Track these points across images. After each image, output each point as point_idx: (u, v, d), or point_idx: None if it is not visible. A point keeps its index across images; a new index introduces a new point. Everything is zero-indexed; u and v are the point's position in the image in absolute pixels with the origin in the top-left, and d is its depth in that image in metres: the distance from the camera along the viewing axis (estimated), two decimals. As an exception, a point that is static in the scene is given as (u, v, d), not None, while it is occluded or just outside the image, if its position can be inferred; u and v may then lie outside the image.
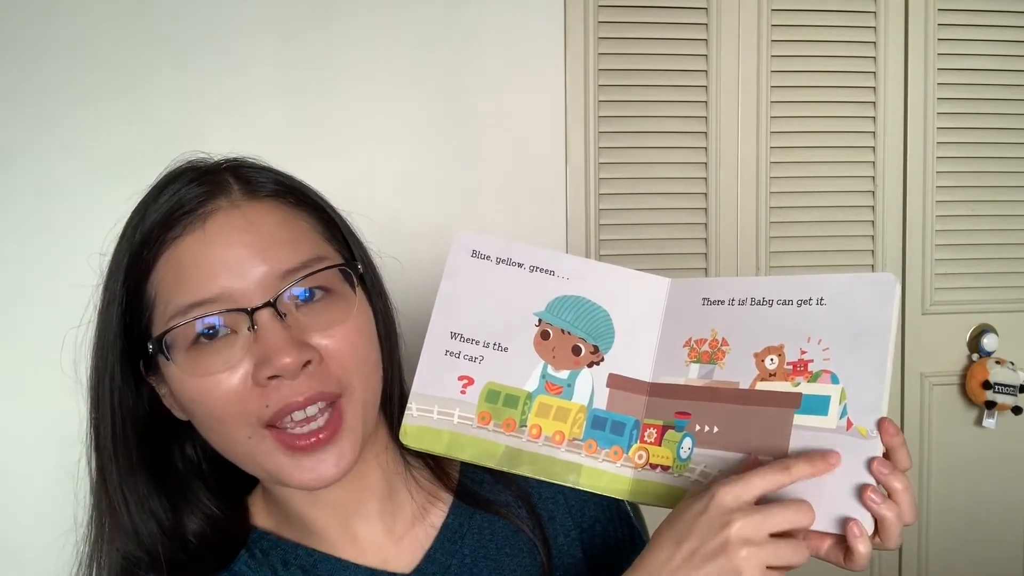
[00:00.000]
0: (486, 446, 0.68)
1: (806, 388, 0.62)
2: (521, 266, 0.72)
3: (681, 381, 0.67)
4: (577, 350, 0.70)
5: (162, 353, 0.60)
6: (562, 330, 0.70)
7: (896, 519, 0.56)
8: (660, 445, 0.66)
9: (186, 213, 0.62)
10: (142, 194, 0.65)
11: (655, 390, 0.68)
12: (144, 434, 0.66)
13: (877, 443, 0.58)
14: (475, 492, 0.75)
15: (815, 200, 1.66)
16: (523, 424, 0.69)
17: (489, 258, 0.72)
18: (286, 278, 0.61)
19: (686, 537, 0.55)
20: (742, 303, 0.67)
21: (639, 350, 0.70)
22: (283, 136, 1.41)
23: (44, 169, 1.34)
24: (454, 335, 0.71)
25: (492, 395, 0.69)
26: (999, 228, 1.70)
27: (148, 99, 1.37)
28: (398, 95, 1.46)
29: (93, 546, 0.66)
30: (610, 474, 0.67)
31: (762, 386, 0.64)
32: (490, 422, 0.69)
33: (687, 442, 0.65)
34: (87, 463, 0.66)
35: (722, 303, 0.68)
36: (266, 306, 0.60)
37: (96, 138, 1.36)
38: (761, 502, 0.56)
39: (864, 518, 0.56)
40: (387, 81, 1.46)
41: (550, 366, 0.70)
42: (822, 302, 0.63)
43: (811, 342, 0.63)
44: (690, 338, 0.68)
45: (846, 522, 0.56)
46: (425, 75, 1.47)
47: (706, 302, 0.68)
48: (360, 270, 0.67)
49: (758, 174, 1.63)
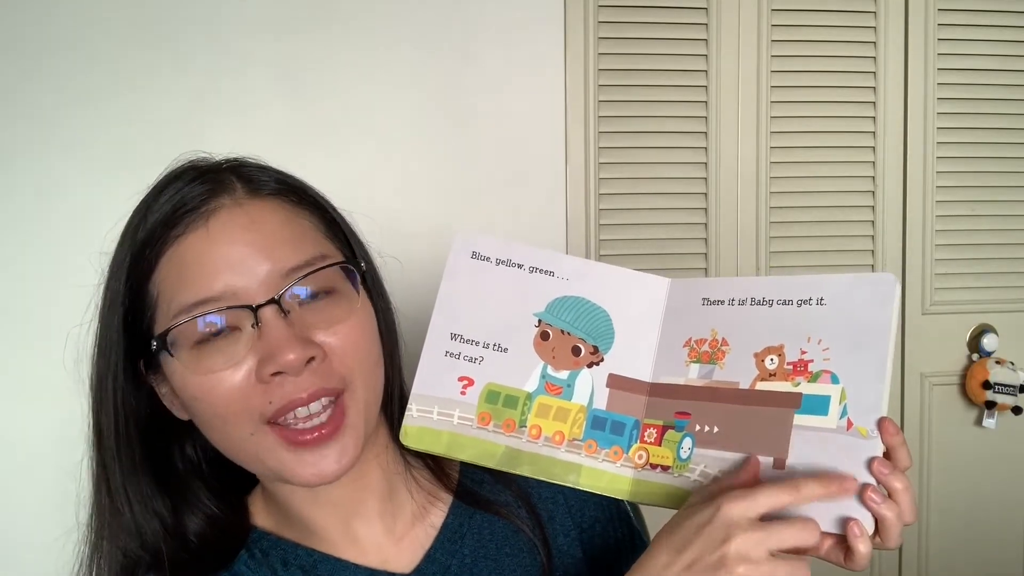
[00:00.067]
0: (486, 446, 0.68)
1: (806, 388, 0.62)
2: (521, 267, 0.72)
3: (681, 381, 0.67)
4: (577, 350, 0.70)
5: (166, 350, 0.60)
6: (562, 330, 0.70)
7: (896, 519, 0.56)
8: (660, 445, 0.66)
9: (189, 211, 0.61)
10: (143, 193, 0.65)
11: (655, 390, 0.68)
12: (146, 434, 0.66)
13: (877, 443, 0.58)
14: (475, 492, 0.75)
15: (815, 200, 1.66)
16: (523, 424, 0.69)
17: (489, 259, 0.72)
18: (289, 276, 0.61)
19: (687, 546, 0.55)
20: (742, 303, 0.67)
21: (639, 350, 0.70)
22: (283, 136, 1.41)
23: (44, 169, 1.34)
24: (454, 336, 0.71)
25: (492, 396, 0.69)
26: (999, 228, 1.71)
27: (148, 99, 1.37)
28: (398, 95, 1.46)
29: (94, 546, 0.66)
30: (610, 474, 0.67)
31: (762, 386, 0.64)
32: (490, 423, 0.69)
33: (687, 442, 0.65)
34: (89, 463, 0.66)
35: (722, 303, 0.68)
36: (270, 303, 0.60)
37: (96, 138, 1.36)
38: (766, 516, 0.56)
39: (864, 518, 0.56)
40: (387, 81, 1.46)
41: (550, 366, 0.70)
42: (822, 302, 0.63)
43: (811, 342, 0.63)
44: (690, 338, 0.68)
45: (846, 522, 0.56)
46: (425, 75, 1.47)
47: (706, 302, 0.68)
48: (363, 268, 0.67)
49: (758, 174, 1.63)
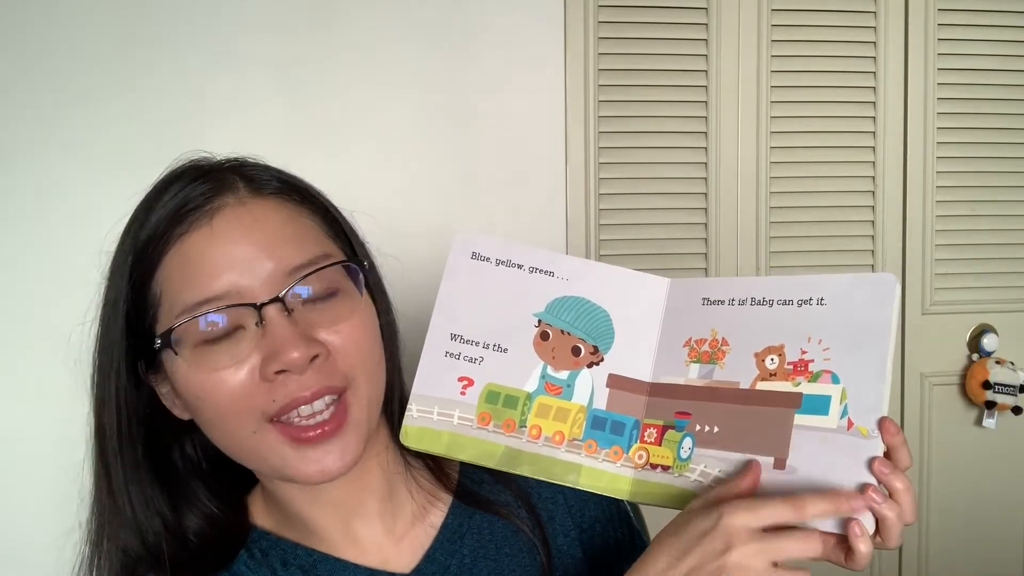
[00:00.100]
0: (486, 447, 0.68)
1: (807, 388, 0.62)
2: (521, 267, 0.72)
3: (681, 381, 0.67)
4: (577, 350, 0.70)
5: (170, 348, 0.60)
6: (562, 331, 0.70)
7: (897, 519, 0.56)
8: (660, 445, 0.66)
9: (192, 210, 0.61)
10: (144, 192, 0.65)
11: (655, 390, 0.68)
12: (147, 433, 0.66)
13: (878, 443, 0.58)
14: (475, 492, 0.75)
15: (815, 200, 1.66)
16: (523, 425, 0.69)
17: (489, 259, 0.72)
18: (293, 275, 0.61)
19: (687, 553, 0.56)
20: (742, 303, 0.67)
21: (639, 350, 0.69)
22: (283, 136, 1.41)
23: (44, 169, 1.34)
24: (454, 336, 0.71)
25: (492, 396, 0.69)
26: (999, 228, 1.70)
27: (148, 98, 1.37)
28: (398, 95, 1.46)
29: (94, 545, 0.66)
30: (610, 474, 0.67)
31: (762, 386, 0.64)
32: (490, 423, 0.69)
33: (687, 442, 0.65)
34: (89, 462, 0.66)
35: (722, 303, 0.68)
36: (274, 301, 0.60)
37: (96, 138, 1.36)
38: None
39: (865, 518, 0.56)
40: (387, 81, 1.46)
41: (550, 367, 0.70)
42: (822, 302, 0.63)
43: (811, 342, 0.63)
44: (690, 338, 0.68)
45: (847, 522, 0.56)
46: (425, 75, 1.47)
47: (706, 302, 0.68)
48: (365, 267, 0.68)
49: (758, 174, 1.63)
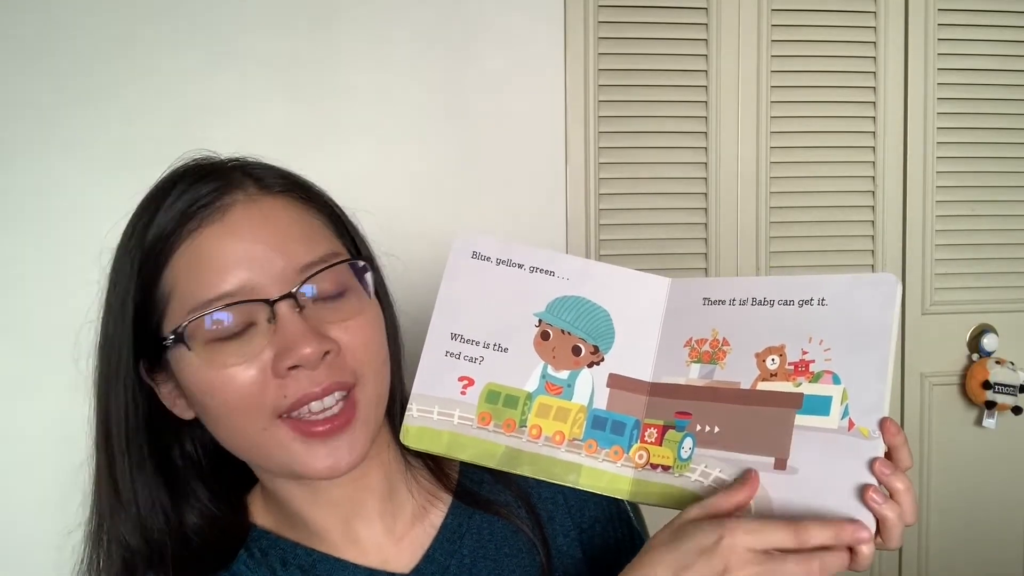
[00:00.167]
0: (486, 446, 0.68)
1: (807, 388, 0.62)
2: (521, 267, 0.72)
3: (682, 381, 0.67)
4: (577, 350, 0.70)
5: (183, 344, 0.60)
6: (562, 330, 0.70)
7: (898, 519, 0.56)
8: (661, 445, 0.66)
9: (203, 206, 0.62)
10: (147, 191, 0.65)
11: (655, 390, 0.68)
12: (150, 431, 0.66)
13: (879, 443, 0.58)
14: (474, 492, 0.75)
15: (815, 200, 1.65)
16: (523, 424, 0.69)
17: (489, 259, 0.72)
18: (304, 272, 0.62)
19: (686, 569, 0.55)
20: (743, 303, 0.67)
21: (639, 350, 0.69)
22: (283, 135, 1.41)
23: (44, 169, 1.34)
24: (454, 336, 0.71)
25: (492, 396, 0.69)
26: (999, 228, 1.70)
27: (148, 98, 1.37)
28: (398, 95, 1.46)
29: (95, 544, 0.66)
30: (610, 474, 0.67)
31: (763, 386, 0.64)
32: (490, 422, 0.69)
33: (688, 442, 0.65)
34: (91, 460, 0.66)
35: (723, 303, 0.67)
36: (287, 297, 0.60)
37: (96, 138, 1.35)
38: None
39: (866, 519, 0.56)
40: (387, 81, 1.46)
41: (550, 366, 0.70)
42: (823, 302, 0.63)
43: (812, 342, 0.63)
44: (691, 338, 0.68)
45: (854, 522, 0.56)
46: (425, 75, 1.47)
47: (707, 302, 0.68)
48: (375, 265, 0.68)
49: (758, 174, 1.63)
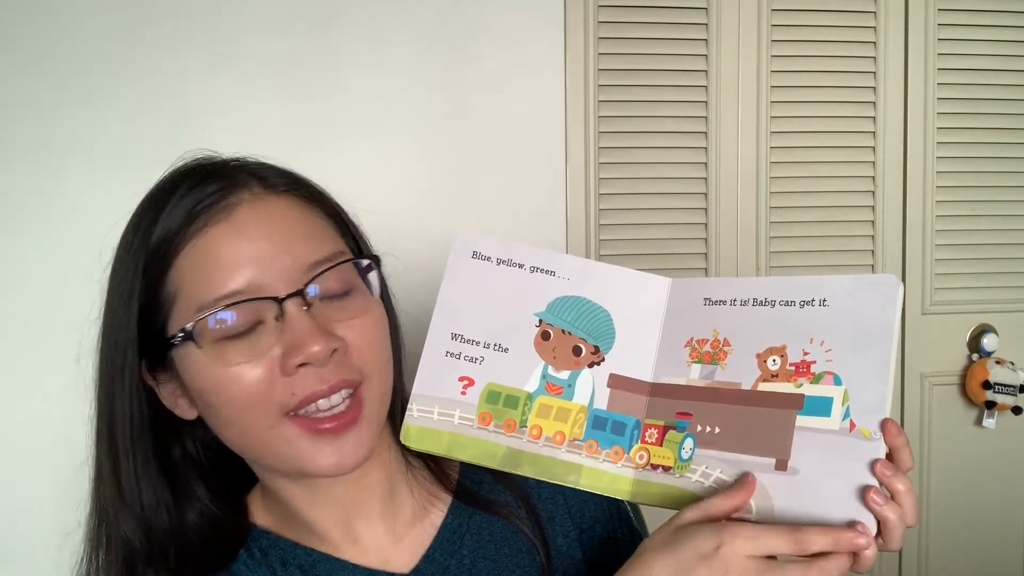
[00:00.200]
0: (487, 447, 0.68)
1: (809, 389, 0.61)
2: (522, 267, 0.71)
3: (682, 381, 0.67)
4: (578, 350, 0.70)
5: (192, 342, 0.60)
6: (563, 330, 0.70)
7: (899, 521, 0.56)
8: (661, 445, 0.66)
9: (209, 206, 0.62)
10: (149, 191, 0.65)
11: (656, 390, 0.68)
12: (155, 431, 0.66)
13: (880, 445, 0.57)
14: (474, 492, 0.75)
15: (815, 200, 1.66)
16: (524, 425, 0.68)
17: (490, 259, 0.72)
18: (311, 270, 0.62)
19: (685, 574, 0.55)
20: (744, 303, 0.66)
21: (640, 350, 0.69)
22: (283, 135, 1.41)
23: (44, 168, 1.34)
24: (455, 336, 0.70)
25: (492, 396, 0.69)
26: (999, 228, 1.70)
27: (148, 98, 1.37)
28: (398, 95, 1.46)
29: (96, 544, 0.66)
30: (611, 474, 0.67)
31: (764, 387, 0.63)
32: (491, 423, 0.69)
33: (689, 443, 0.65)
34: (93, 459, 0.66)
35: (724, 303, 0.67)
36: (295, 295, 0.60)
37: (96, 137, 1.35)
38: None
39: (867, 520, 0.56)
40: (387, 81, 1.46)
41: (551, 366, 0.70)
42: (824, 303, 0.63)
43: (813, 343, 0.62)
44: (691, 338, 0.68)
45: (852, 525, 0.56)
46: (425, 75, 1.47)
47: (708, 302, 0.68)
48: (380, 264, 0.68)
49: (758, 174, 1.63)
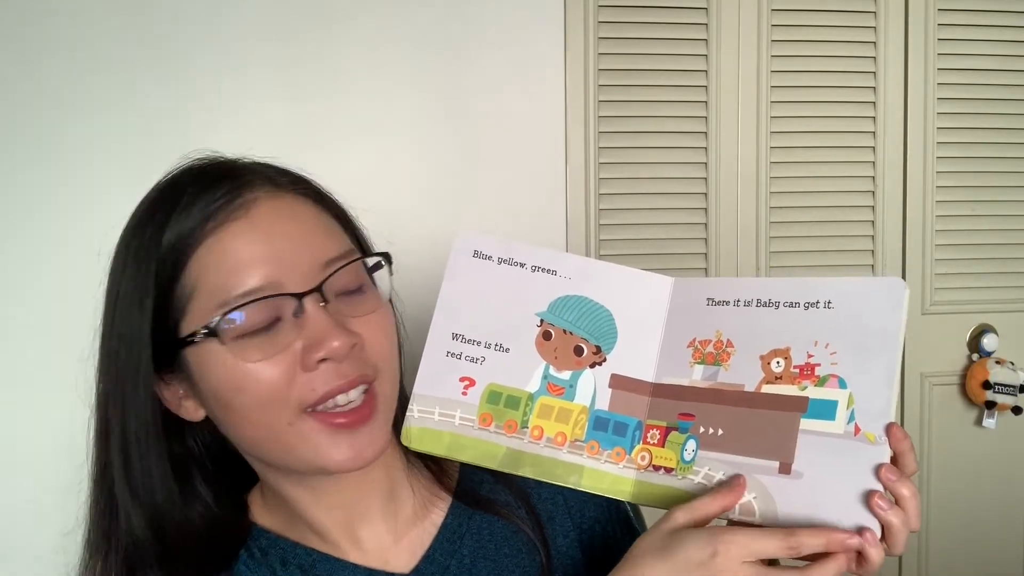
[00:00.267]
0: (487, 448, 0.68)
1: (813, 392, 0.61)
2: (523, 266, 0.71)
3: (685, 382, 0.67)
4: (579, 350, 0.69)
5: (216, 339, 0.60)
6: (564, 330, 0.70)
7: (902, 525, 0.56)
8: (663, 447, 0.66)
9: (225, 204, 0.62)
10: (154, 190, 0.65)
11: (658, 391, 0.68)
12: (167, 433, 0.65)
13: (885, 449, 0.57)
14: (474, 492, 0.75)
15: (815, 200, 1.65)
16: (525, 425, 0.68)
17: (491, 258, 0.72)
18: (327, 267, 0.63)
19: None
20: (747, 304, 0.66)
21: (642, 350, 0.69)
22: (283, 136, 1.40)
23: (44, 169, 1.34)
24: (455, 336, 0.70)
25: (493, 396, 0.69)
26: (999, 228, 1.70)
27: (148, 99, 1.36)
28: (398, 95, 1.46)
29: (97, 544, 0.66)
30: (612, 475, 0.67)
31: (768, 389, 0.63)
32: (491, 423, 0.68)
33: (691, 444, 0.65)
34: (98, 459, 0.65)
35: (727, 304, 0.67)
36: (313, 291, 0.61)
37: (96, 137, 1.35)
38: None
39: (871, 524, 0.56)
40: (387, 81, 1.45)
41: (552, 367, 0.69)
42: (829, 305, 0.63)
43: (818, 346, 0.62)
44: (694, 339, 0.67)
45: (861, 531, 0.55)
46: (425, 75, 1.47)
47: (711, 302, 0.68)
48: (391, 262, 0.69)
49: (758, 174, 1.62)
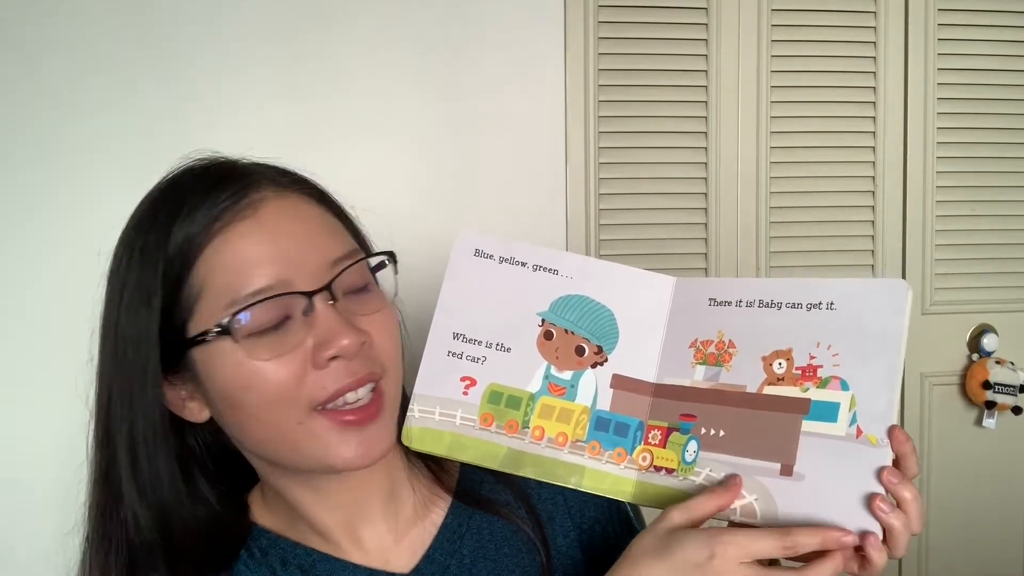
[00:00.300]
0: (488, 448, 0.68)
1: (815, 394, 0.61)
2: (524, 265, 0.71)
3: (687, 383, 0.66)
4: (581, 350, 0.69)
5: (229, 337, 0.60)
6: (565, 330, 0.70)
7: (904, 529, 0.56)
8: (665, 447, 0.66)
9: (233, 204, 0.62)
10: (155, 190, 0.65)
11: (660, 391, 0.68)
12: (175, 434, 0.65)
13: (887, 452, 0.57)
14: (474, 492, 0.74)
15: (815, 200, 1.65)
16: (526, 426, 0.68)
17: (492, 257, 0.71)
18: (335, 266, 0.63)
19: None
20: (750, 305, 0.66)
21: (643, 350, 0.69)
22: (283, 136, 1.40)
23: (44, 169, 1.34)
24: (456, 335, 0.70)
25: (494, 396, 0.69)
26: (999, 228, 1.70)
27: (148, 99, 1.36)
28: (398, 95, 1.46)
29: (99, 544, 0.65)
30: (614, 476, 0.67)
31: (770, 390, 0.63)
32: (492, 424, 0.68)
33: (692, 445, 0.64)
34: (103, 460, 0.65)
35: (729, 304, 0.67)
36: (323, 290, 0.61)
37: (95, 138, 1.35)
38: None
39: (873, 527, 0.55)
40: (387, 81, 1.45)
41: (553, 367, 0.69)
42: (832, 306, 0.62)
43: (820, 347, 0.62)
44: (696, 339, 0.67)
45: (864, 535, 0.55)
46: (425, 75, 1.47)
47: (713, 302, 0.67)
48: (396, 262, 0.69)
49: (758, 174, 1.62)
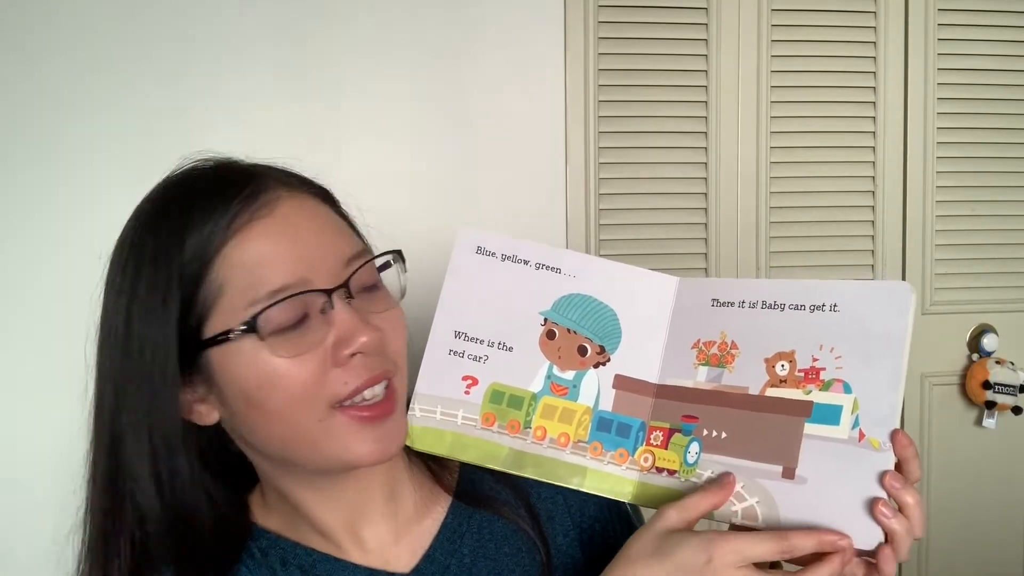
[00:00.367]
0: (490, 448, 0.68)
1: (818, 396, 0.61)
2: (527, 263, 0.71)
3: (689, 384, 0.66)
4: (583, 350, 0.69)
5: (255, 334, 0.60)
6: (568, 330, 0.70)
7: (906, 533, 0.56)
8: (667, 448, 0.66)
9: (248, 203, 0.62)
10: (160, 192, 0.65)
11: (662, 392, 0.67)
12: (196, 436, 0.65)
13: (889, 456, 0.57)
14: (474, 491, 0.74)
15: (815, 200, 1.65)
16: (527, 426, 0.68)
17: (494, 255, 0.71)
18: (349, 264, 0.63)
19: None
20: (753, 306, 0.65)
21: (646, 351, 0.69)
22: (283, 136, 1.40)
23: (45, 169, 1.33)
24: (458, 334, 0.70)
25: (496, 396, 0.69)
26: (999, 228, 1.70)
27: (148, 99, 1.36)
28: (398, 95, 1.46)
29: (99, 547, 0.65)
30: (615, 476, 0.67)
31: (772, 392, 0.63)
32: (494, 423, 0.68)
33: (694, 446, 0.64)
34: (109, 461, 0.65)
35: (732, 305, 0.66)
36: (341, 287, 0.62)
37: (96, 138, 1.35)
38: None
39: (875, 532, 0.55)
40: (387, 81, 1.45)
41: (555, 366, 0.69)
42: (835, 308, 0.62)
43: (823, 349, 0.61)
44: (698, 340, 0.67)
45: (880, 547, 0.55)
46: (425, 75, 1.47)
47: (716, 303, 0.67)
48: (403, 260, 0.69)
49: (758, 174, 1.62)
